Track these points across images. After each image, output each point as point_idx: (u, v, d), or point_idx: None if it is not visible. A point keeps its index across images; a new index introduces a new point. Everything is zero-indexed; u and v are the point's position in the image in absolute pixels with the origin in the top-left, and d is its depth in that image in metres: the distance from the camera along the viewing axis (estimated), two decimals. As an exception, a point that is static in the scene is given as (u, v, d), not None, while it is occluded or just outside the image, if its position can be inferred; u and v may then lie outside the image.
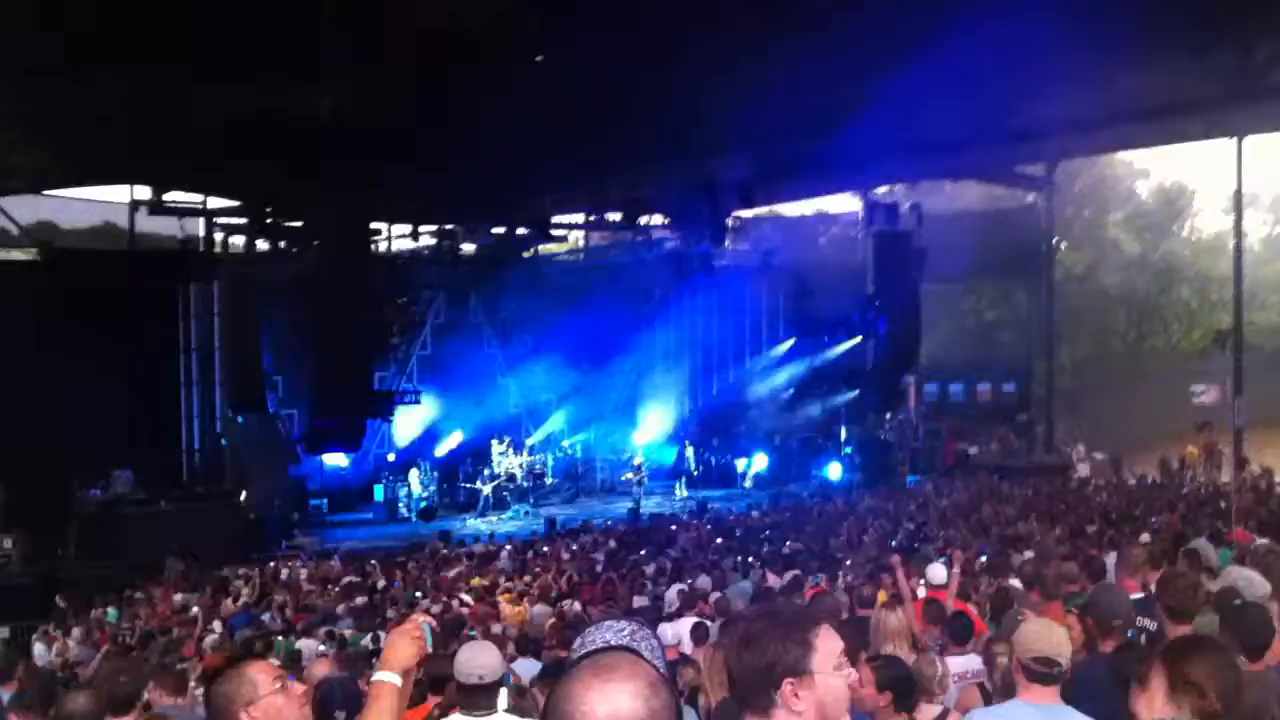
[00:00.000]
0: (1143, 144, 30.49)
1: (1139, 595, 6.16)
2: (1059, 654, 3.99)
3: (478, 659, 4.38)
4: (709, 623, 8.42)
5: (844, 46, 16.57)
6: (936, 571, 8.14)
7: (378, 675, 3.21)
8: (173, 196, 25.00)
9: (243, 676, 3.29)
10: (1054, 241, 32.94)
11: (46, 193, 25.47)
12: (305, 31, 15.17)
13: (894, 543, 16.42)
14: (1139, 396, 33.14)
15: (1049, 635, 4.05)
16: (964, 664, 6.06)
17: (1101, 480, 25.79)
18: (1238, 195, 26.51)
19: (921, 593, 8.89)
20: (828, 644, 2.46)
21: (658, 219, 30.24)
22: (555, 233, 30.36)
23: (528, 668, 7.81)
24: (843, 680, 2.47)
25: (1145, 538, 12.27)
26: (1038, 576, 7.35)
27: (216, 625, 13.29)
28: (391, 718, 3.13)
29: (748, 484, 29.14)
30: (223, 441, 25.13)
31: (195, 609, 14.67)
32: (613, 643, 2.08)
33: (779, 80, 17.93)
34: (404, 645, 3.18)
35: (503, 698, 4.53)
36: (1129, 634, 5.63)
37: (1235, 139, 25.56)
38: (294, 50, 15.78)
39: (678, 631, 7.68)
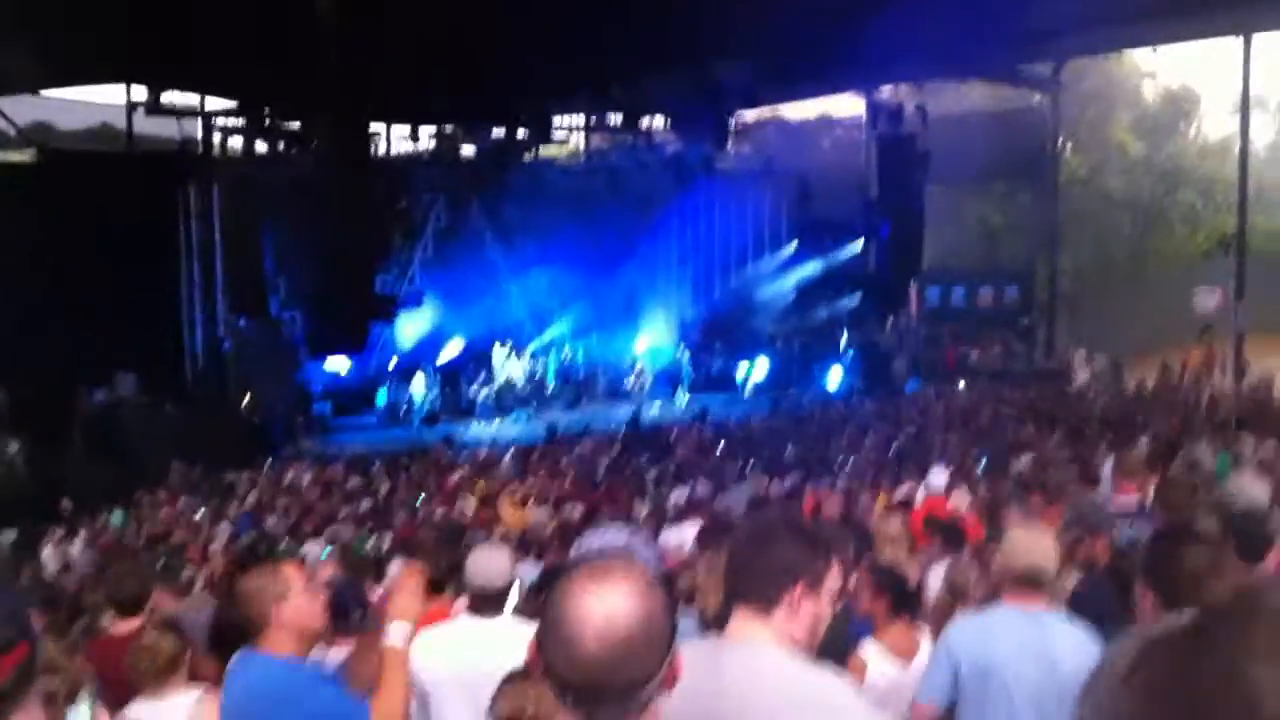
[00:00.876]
0: (1152, 41, 29.94)
1: (1135, 498, 6.19)
2: (1046, 562, 4.02)
3: (488, 564, 4.42)
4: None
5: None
6: (937, 477, 8.18)
7: (392, 633, 3.39)
8: (170, 98, 24.69)
9: (277, 572, 3.40)
10: (1059, 144, 32.59)
11: (43, 94, 25.20)
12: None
13: (894, 448, 16.50)
14: (1141, 301, 33.02)
15: (1035, 545, 4.08)
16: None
17: (1101, 385, 25.83)
18: (1244, 96, 26.19)
19: (921, 497, 8.96)
20: (836, 573, 2.57)
21: (659, 122, 29.91)
22: (556, 135, 30.08)
23: (528, 571, 7.88)
24: (830, 610, 2.58)
25: (1143, 442, 12.32)
26: (1040, 481, 7.36)
27: (221, 529, 13.42)
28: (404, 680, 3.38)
29: (748, 390, 29.19)
30: (225, 345, 25.11)
31: (200, 513, 14.82)
32: (609, 544, 2.10)
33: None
34: (407, 599, 3.34)
35: (514, 596, 4.57)
36: (1122, 539, 5.67)
37: (1243, 38, 25.20)
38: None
39: (681, 538, 7.71)
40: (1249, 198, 26.61)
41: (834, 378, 28.68)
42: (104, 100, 26.66)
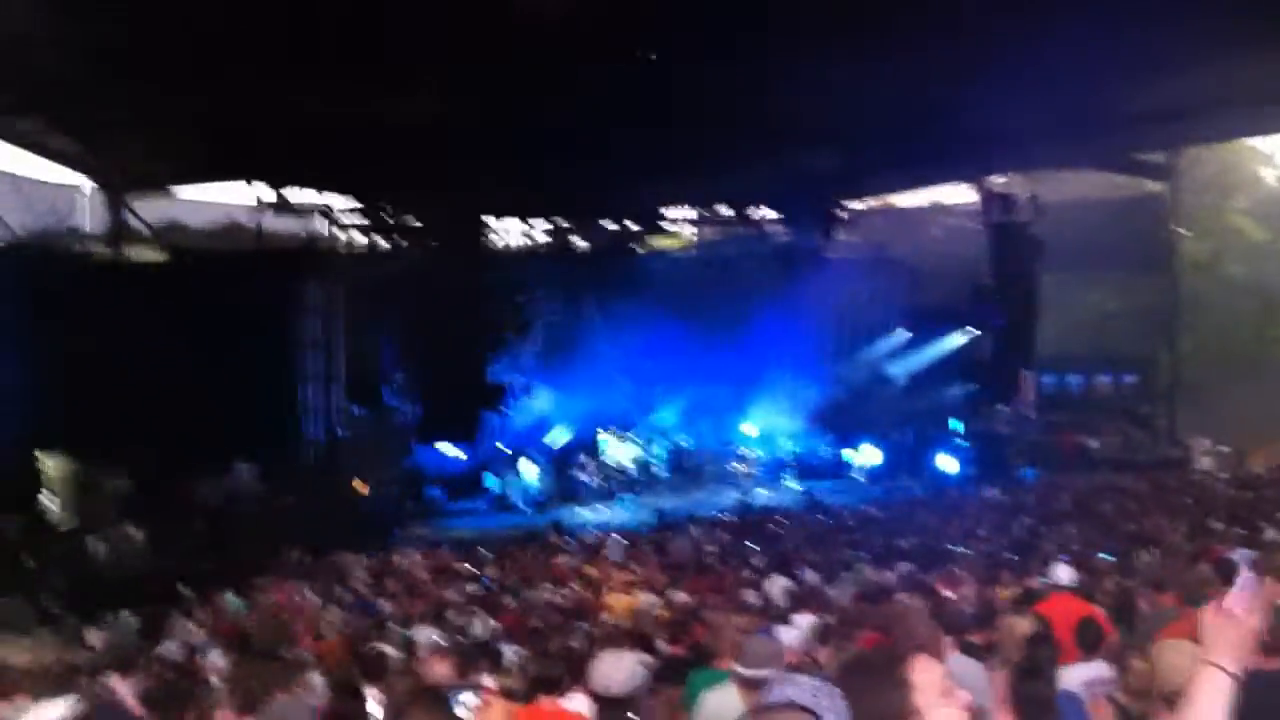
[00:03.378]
0: (1269, 130, 29.37)
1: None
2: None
3: (613, 671, 4.31)
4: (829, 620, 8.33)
5: (955, 31, 16.30)
6: (1061, 571, 7.85)
7: None
8: (294, 196, 25.53)
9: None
10: (1176, 230, 31.94)
11: (174, 194, 26.25)
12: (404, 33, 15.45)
13: (1011, 538, 16.07)
14: (1265, 388, 32.00)
15: (1189, 663, 3.81)
16: (1091, 672, 5.79)
17: (1225, 474, 24.94)
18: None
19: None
20: (926, 676, 2.35)
21: (768, 212, 30.03)
22: (666, 227, 30.38)
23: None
24: (955, 706, 2.35)
25: (1271, 534, 11.81)
26: (1175, 578, 7.02)
27: (332, 613, 13.50)
28: None
29: (858, 476, 28.73)
30: (340, 434, 25.54)
31: (310, 597, 14.93)
32: (794, 700, 2.04)
33: (887, 69, 17.72)
34: None
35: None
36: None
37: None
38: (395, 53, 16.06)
39: (795, 635, 7.53)
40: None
41: (947, 465, 28.08)
42: (232, 200, 27.65)
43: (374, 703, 6.00)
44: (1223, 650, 2.39)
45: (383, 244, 26.82)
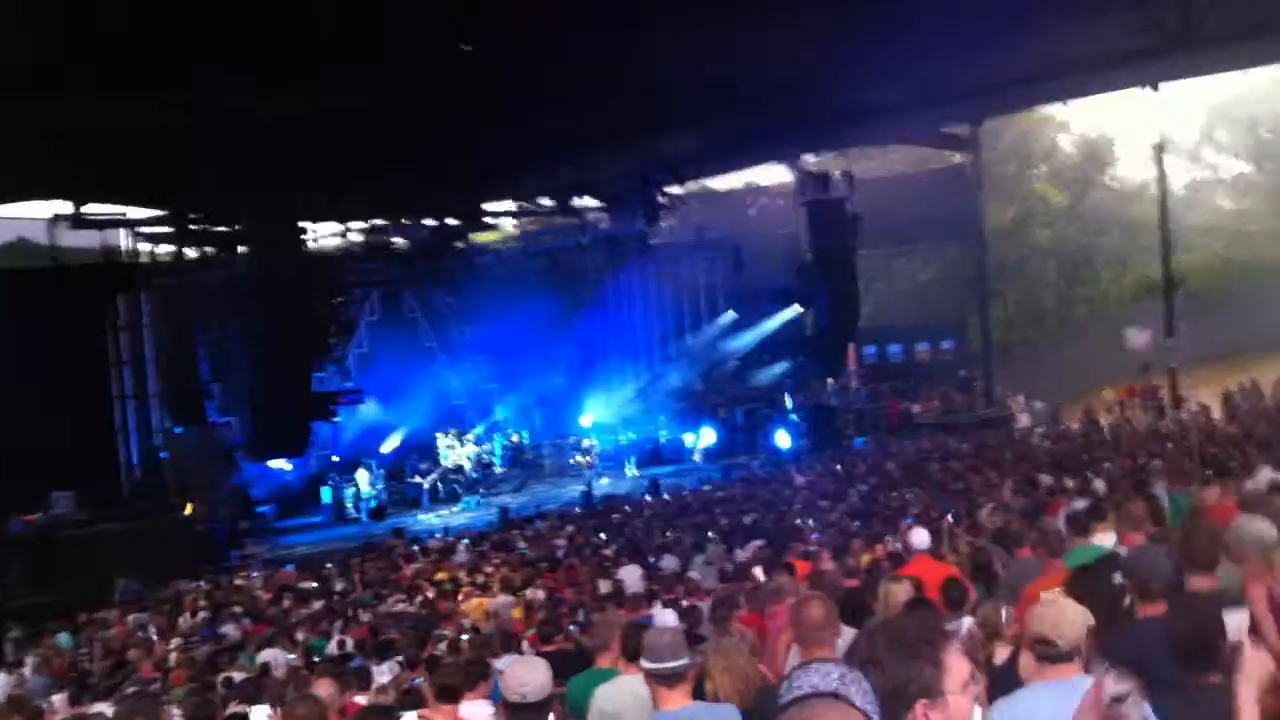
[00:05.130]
0: (1071, 96, 30.61)
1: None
2: (1057, 634, 3.72)
3: (525, 677, 4.25)
4: (700, 606, 8.36)
5: (765, 18, 16.55)
6: (920, 536, 8.03)
7: None
8: (92, 209, 24.23)
9: None
10: (982, 198, 33.14)
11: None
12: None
13: (848, 507, 16.48)
14: (1074, 345, 33.62)
15: (1051, 615, 3.84)
16: (961, 630, 5.94)
17: (1042, 429, 26.08)
18: (1158, 147, 26.93)
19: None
20: (958, 663, 2.39)
21: (590, 202, 30.01)
22: (487, 221, 30.05)
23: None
24: (969, 699, 2.40)
25: (1099, 484, 12.31)
26: (1037, 534, 7.26)
27: (174, 643, 13.00)
28: None
29: (697, 459, 29.03)
30: (162, 454, 24.51)
31: (151, 628, 14.34)
32: (820, 688, 2.00)
33: (704, 59, 17.84)
34: None
35: None
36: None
37: (1155, 88, 25.86)
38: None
39: (670, 618, 7.52)
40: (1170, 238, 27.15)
41: (782, 440, 28.61)
42: (23, 215, 26.04)
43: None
44: None
45: (191, 254, 25.71)
